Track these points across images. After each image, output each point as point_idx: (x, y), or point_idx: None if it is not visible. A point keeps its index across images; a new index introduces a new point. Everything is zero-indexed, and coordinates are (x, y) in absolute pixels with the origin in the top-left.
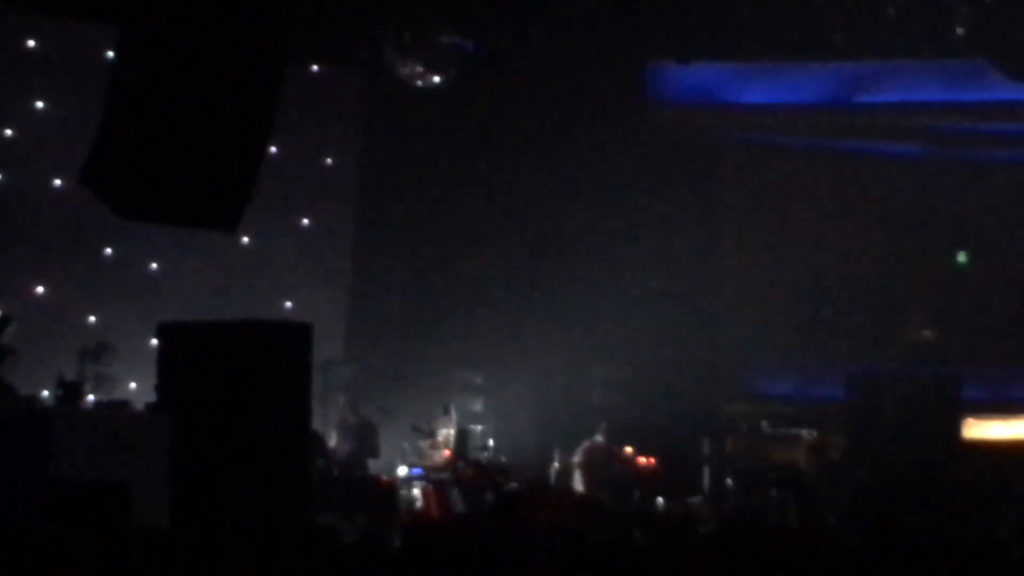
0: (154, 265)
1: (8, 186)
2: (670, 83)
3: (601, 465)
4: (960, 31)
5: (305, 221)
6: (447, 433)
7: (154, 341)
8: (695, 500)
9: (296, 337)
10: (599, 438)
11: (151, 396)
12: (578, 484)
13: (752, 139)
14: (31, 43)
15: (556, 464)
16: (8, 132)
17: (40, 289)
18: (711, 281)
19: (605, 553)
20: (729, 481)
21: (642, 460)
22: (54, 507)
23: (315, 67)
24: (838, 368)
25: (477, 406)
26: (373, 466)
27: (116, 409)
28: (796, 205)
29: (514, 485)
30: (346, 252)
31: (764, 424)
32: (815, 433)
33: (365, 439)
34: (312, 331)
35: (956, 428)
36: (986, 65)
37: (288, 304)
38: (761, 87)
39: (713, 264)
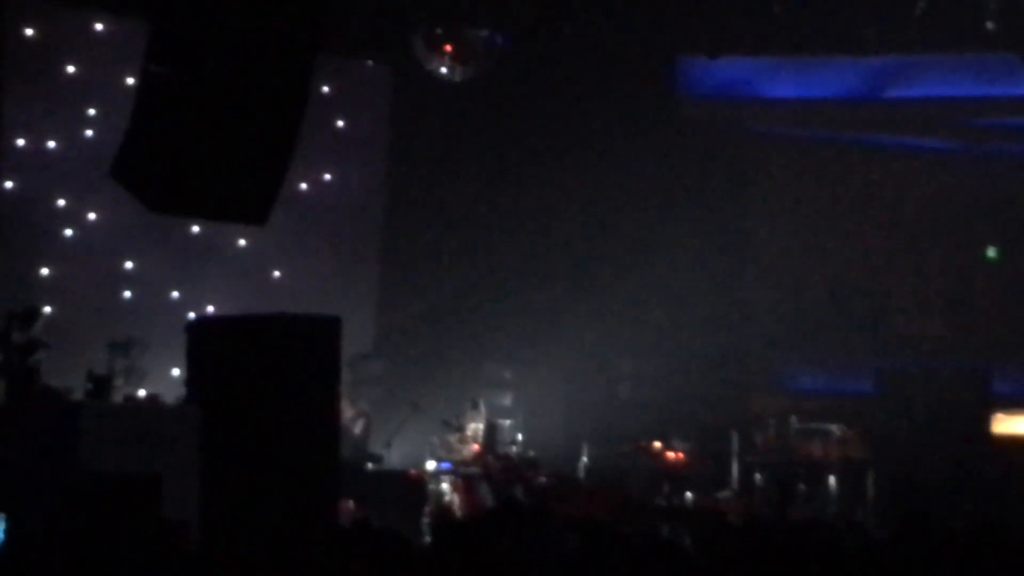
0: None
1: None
2: (700, 77)
3: None
4: (990, 25)
5: (334, 214)
6: (476, 427)
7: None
8: (724, 495)
9: (325, 331)
10: None
11: (179, 390)
12: None
13: (782, 133)
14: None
15: (584, 458)
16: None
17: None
18: (739, 275)
19: (634, 548)
20: (758, 476)
21: (671, 455)
22: (84, 500)
23: (345, 60)
24: (867, 363)
25: (506, 400)
26: (402, 460)
27: (146, 402)
28: (826, 199)
29: (543, 479)
30: (375, 245)
31: (793, 419)
32: (844, 428)
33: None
34: (341, 325)
35: (985, 423)
36: (1016, 59)
37: (317, 297)
38: (791, 81)
39: (742, 258)
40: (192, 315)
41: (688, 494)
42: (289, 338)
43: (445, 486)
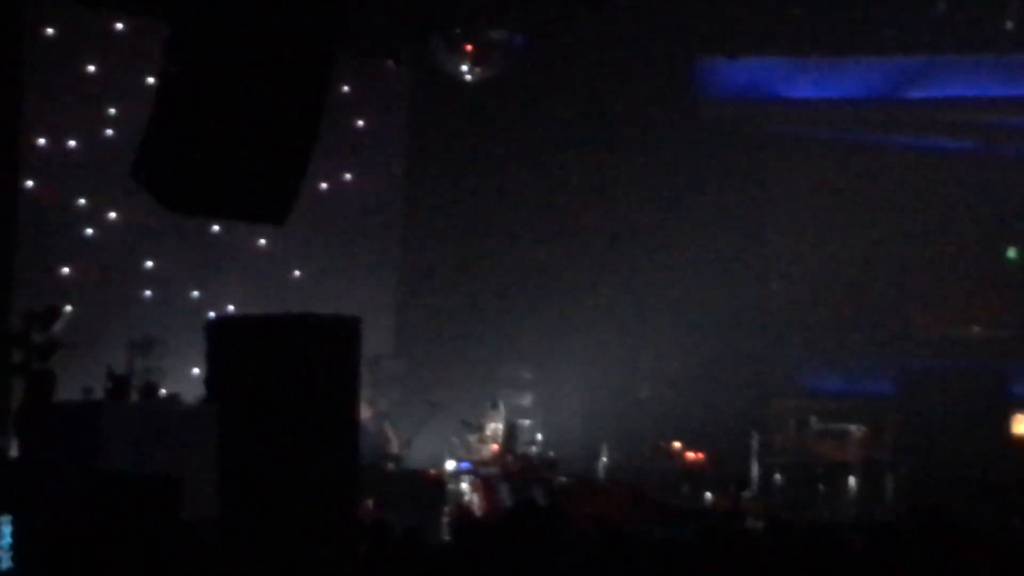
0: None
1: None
2: (720, 78)
3: None
4: (1010, 25)
5: (354, 214)
6: (495, 427)
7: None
8: (744, 495)
9: (345, 331)
10: None
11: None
12: None
13: (801, 134)
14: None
15: (604, 458)
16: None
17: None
18: (759, 276)
19: (652, 548)
20: (777, 476)
21: (690, 455)
22: (103, 500)
23: (364, 60)
24: (886, 364)
25: (525, 400)
26: (422, 460)
27: (165, 402)
28: (844, 200)
29: (562, 479)
30: (395, 245)
31: (812, 420)
32: (864, 429)
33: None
34: (361, 325)
35: (1005, 423)
36: None
37: (336, 297)
38: (810, 82)
39: (761, 258)
40: (212, 315)
41: (707, 494)
42: (309, 338)
43: (465, 486)
